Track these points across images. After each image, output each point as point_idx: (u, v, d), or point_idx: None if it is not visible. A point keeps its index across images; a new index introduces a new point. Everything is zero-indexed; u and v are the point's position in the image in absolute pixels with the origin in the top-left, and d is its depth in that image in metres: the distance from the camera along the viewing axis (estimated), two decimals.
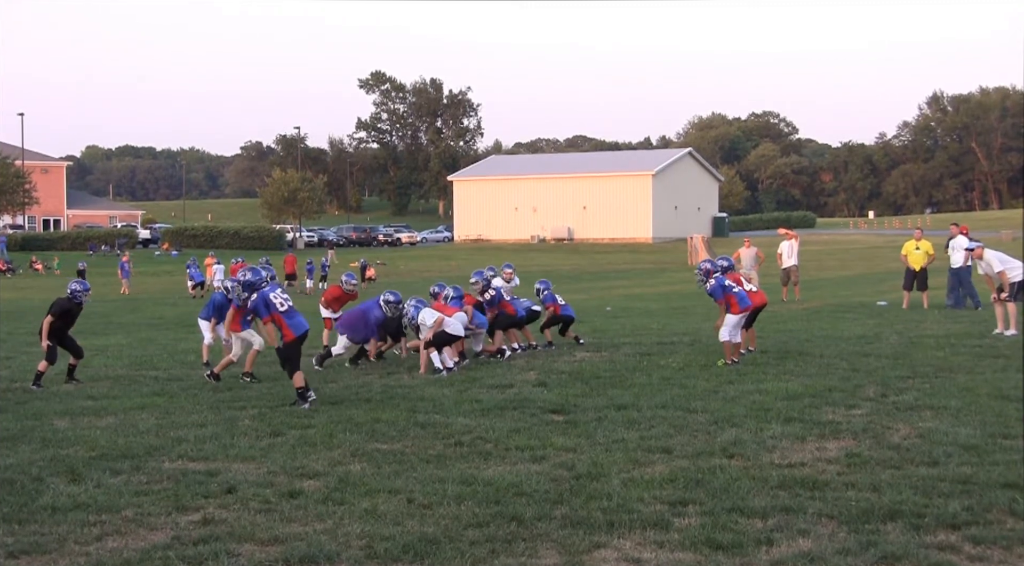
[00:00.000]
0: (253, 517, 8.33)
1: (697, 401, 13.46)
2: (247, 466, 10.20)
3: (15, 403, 14.58)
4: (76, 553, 7.44)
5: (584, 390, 14.51)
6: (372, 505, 8.60)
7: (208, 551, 7.35)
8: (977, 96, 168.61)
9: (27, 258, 79.87)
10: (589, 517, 8.14)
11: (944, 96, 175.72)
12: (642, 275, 60.77)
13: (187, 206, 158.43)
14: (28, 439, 11.74)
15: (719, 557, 7.19)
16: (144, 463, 10.35)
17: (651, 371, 16.52)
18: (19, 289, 58.04)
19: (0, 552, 7.47)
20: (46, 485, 9.46)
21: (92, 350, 21.84)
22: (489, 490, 8.98)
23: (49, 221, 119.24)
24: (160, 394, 14.94)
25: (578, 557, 7.22)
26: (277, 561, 7.17)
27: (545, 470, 9.82)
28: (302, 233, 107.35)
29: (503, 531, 7.80)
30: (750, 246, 34.94)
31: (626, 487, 9.08)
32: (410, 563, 7.13)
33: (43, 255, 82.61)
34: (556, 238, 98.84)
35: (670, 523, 7.98)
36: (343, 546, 7.48)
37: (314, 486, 9.35)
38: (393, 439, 11.40)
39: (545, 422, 12.28)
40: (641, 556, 7.25)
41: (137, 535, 7.89)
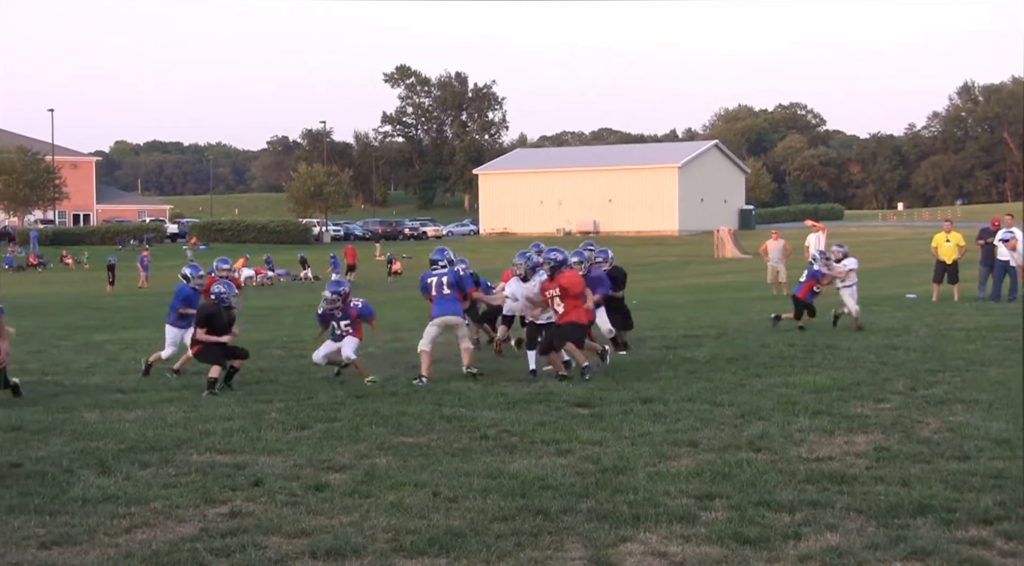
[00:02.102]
0: (280, 510, 8.35)
1: (724, 394, 13.42)
2: (274, 459, 10.23)
3: (46, 396, 14.66)
4: (106, 544, 7.48)
5: (609, 383, 14.48)
6: (398, 498, 8.60)
7: (236, 543, 7.38)
8: (1009, 85, 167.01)
9: (57, 252, 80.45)
10: (615, 510, 8.11)
11: (975, 86, 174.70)
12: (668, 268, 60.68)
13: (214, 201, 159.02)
14: (59, 431, 11.80)
15: (746, 551, 7.15)
16: (172, 456, 10.39)
17: (677, 364, 16.49)
18: (49, 283, 58.42)
19: (32, 543, 7.51)
20: (76, 477, 9.51)
21: (120, 344, 21.99)
22: (515, 483, 8.97)
23: (79, 216, 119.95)
24: (188, 387, 14.98)
25: (604, 551, 7.20)
26: (304, 553, 7.18)
27: (571, 463, 9.81)
28: (328, 227, 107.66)
29: (529, 524, 7.79)
30: (777, 238, 34.87)
31: (652, 481, 9.05)
32: (436, 556, 7.13)
33: (73, 250, 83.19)
34: (582, 231, 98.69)
35: (696, 517, 7.95)
36: (369, 539, 7.49)
37: (340, 479, 9.37)
38: (419, 432, 11.41)
39: (571, 415, 12.26)
40: (667, 550, 7.22)
41: (166, 527, 7.93)
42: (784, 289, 33.37)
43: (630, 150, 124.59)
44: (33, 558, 7.16)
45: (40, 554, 7.27)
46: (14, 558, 7.17)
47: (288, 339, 21.72)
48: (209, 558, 7.09)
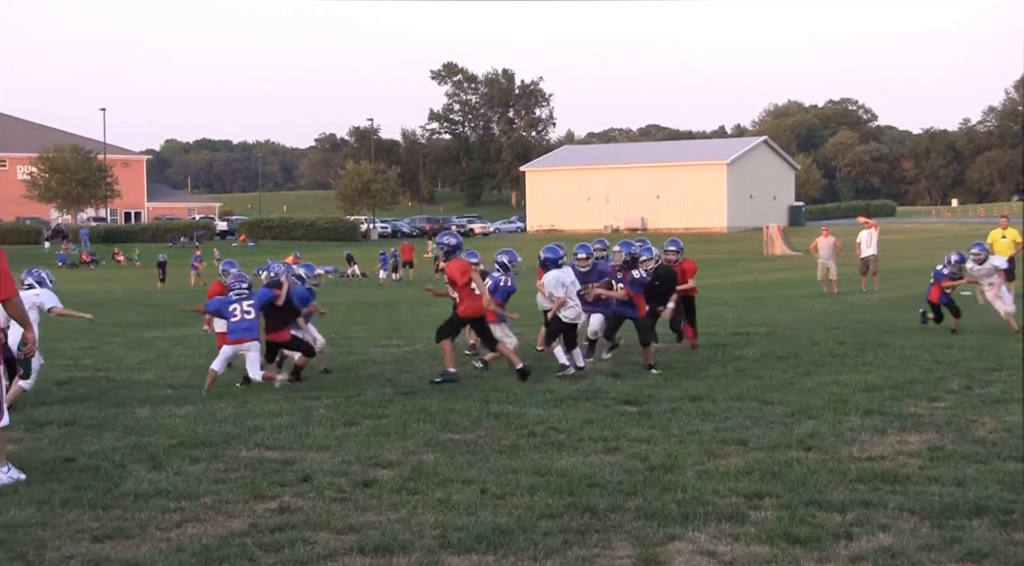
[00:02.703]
0: (328, 506, 8.38)
1: (773, 393, 13.35)
2: (322, 455, 10.27)
3: (99, 392, 14.80)
4: (157, 538, 7.54)
5: (658, 381, 14.45)
6: (445, 495, 8.62)
7: (284, 539, 7.41)
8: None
9: (109, 250, 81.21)
10: (663, 509, 8.08)
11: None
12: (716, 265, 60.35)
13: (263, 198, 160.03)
14: (111, 427, 11.92)
15: (796, 551, 7.10)
16: (222, 451, 10.46)
17: (726, 362, 16.43)
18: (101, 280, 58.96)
19: (86, 536, 7.59)
20: (128, 472, 9.59)
21: (171, 340, 22.16)
22: (562, 481, 8.96)
23: (130, 214, 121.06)
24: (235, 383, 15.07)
25: (652, 549, 7.18)
26: (352, 549, 7.21)
27: (619, 461, 9.79)
28: (376, 224, 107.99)
29: (576, 522, 7.78)
30: (828, 235, 34.63)
31: (701, 479, 9.02)
32: (483, 553, 7.13)
33: (124, 247, 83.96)
34: (629, 228, 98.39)
35: (746, 516, 7.91)
36: (417, 535, 7.50)
37: (388, 475, 9.39)
38: (466, 429, 11.42)
39: (619, 413, 12.24)
40: (716, 549, 7.19)
41: (216, 522, 7.98)
42: (835, 286, 33.18)
43: (678, 146, 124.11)
44: (87, 551, 7.23)
45: (93, 547, 7.34)
46: (68, 551, 7.24)
47: (336, 336, 21.80)
48: (258, 553, 7.13)
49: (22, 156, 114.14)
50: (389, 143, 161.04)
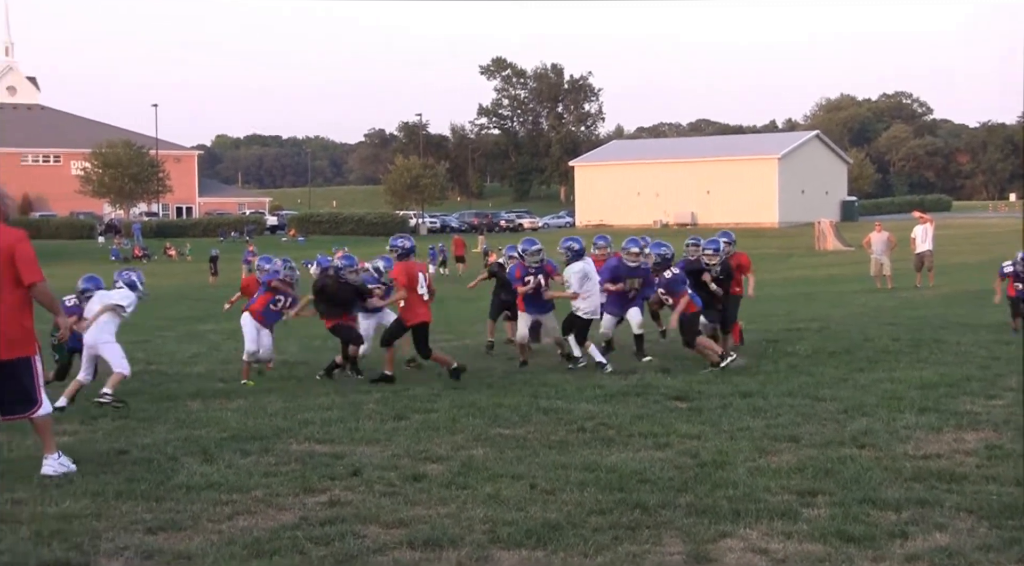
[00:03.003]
0: (378, 499, 8.41)
1: (826, 389, 13.26)
2: (372, 449, 10.30)
3: (151, 385, 14.93)
4: (209, 530, 7.60)
5: (708, 377, 14.38)
6: (495, 490, 8.62)
7: (335, 532, 7.44)
8: None
9: (161, 245, 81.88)
10: (714, 506, 8.05)
11: None
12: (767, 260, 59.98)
13: (312, 193, 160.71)
14: (163, 420, 12.02)
15: (850, 549, 7.04)
16: (272, 445, 10.52)
17: (777, 358, 16.34)
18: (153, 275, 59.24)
19: (139, 528, 7.66)
20: (180, 464, 9.67)
21: (223, 334, 22.31)
22: (612, 477, 8.95)
23: (181, 209, 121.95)
24: (287, 378, 15.16)
25: (703, 546, 7.14)
26: (401, 543, 7.22)
27: (669, 457, 9.76)
28: (425, 219, 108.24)
29: (627, 518, 7.76)
30: (881, 230, 34.37)
31: (752, 476, 8.97)
32: (533, 548, 7.12)
33: (176, 242, 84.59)
34: (679, 223, 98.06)
35: (798, 513, 7.85)
36: (466, 530, 7.51)
37: (438, 470, 9.41)
38: (516, 424, 11.42)
39: (669, 409, 12.20)
40: (768, 546, 7.14)
41: (266, 515, 8.03)
42: (888, 282, 32.91)
43: (729, 141, 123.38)
44: (140, 542, 7.29)
45: (147, 539, 7.40)
46: (122, 542, 7.30)
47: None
48: (309, 546, 7.16)
49: (75, 152, 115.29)
50: (438, 138, 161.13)
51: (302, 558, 6.91)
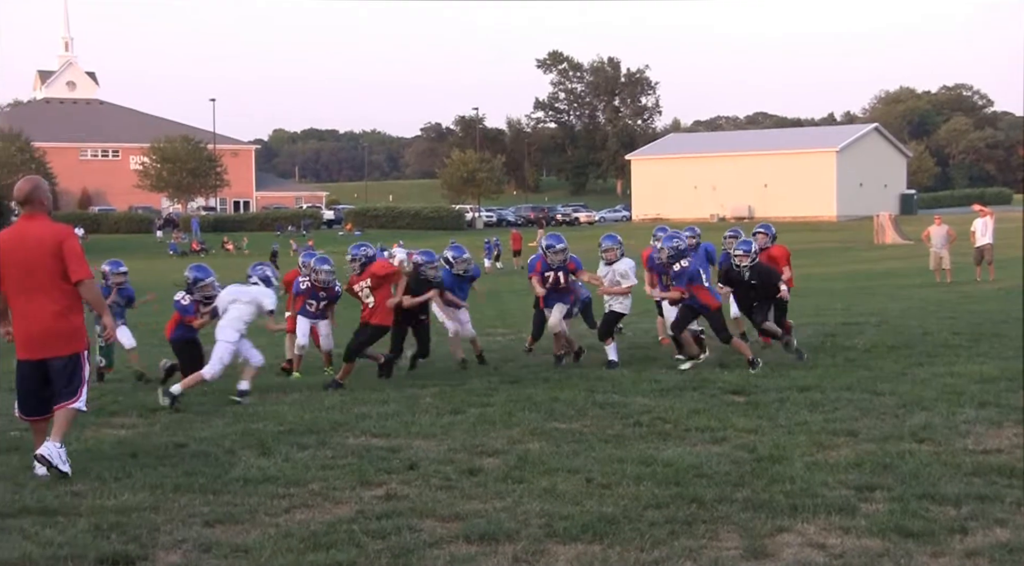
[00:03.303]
0: (434, 493, 8.43)
1: (884, 384, 13.14)
2: (428, 443, 10.33)
3: None
4: (266, 524, 7.64)
5: (765, 371, 14.30)
6: (551, 484, 8.61)
7: (391, 526, 7.46)
8: None
9: (219, 239, 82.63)
10: (771, 500, 7.99)
11: None
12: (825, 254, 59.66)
13: (369, 187, 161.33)
14: (221, 413, 12.13)
15: (909, 545, 6.97)
16: (329, 438, 10.58)
17: (835, 352, 16.22)
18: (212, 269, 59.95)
19: (197, 520, 7.72)
20: (238, 458, 9.74)
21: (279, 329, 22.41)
22: (669, 471, 8.91)
23: (239, 203, 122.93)
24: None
25: (760, 541, 7.10)
26: (458, 537, 7.24)
27: (726, 452, 9.71)
28: (481, 213, 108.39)
29: (683, 513, 7.72)
30: (941, 224, 34.02)
31: (809, 470, 8.90)
32: (589, 542, 7.11)
33: (233, 236, 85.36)
34: (736, 216, 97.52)
35: (856, 508, 7.79)
36: (522, 524, 7.51)
37: (494, 464, 9.42)
38: (572, 418, 11.42)
39: (725, 403, 12.14)
40: (826, 541, 7.08)
41: (323, 508, 8.07)
42: (948, 275, 32.59)
43: (787, 134, 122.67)
44: (198, 535, 7.35)
45: (204, 532, 7.46)
46: (180, 535, 7.36)
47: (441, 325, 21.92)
48: (365, 540, 7.18)
49: (134, 146, 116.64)
50: (494, 132, 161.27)
51: (358, 551, 6.94)
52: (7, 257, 9.01)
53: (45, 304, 8.94)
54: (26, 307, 9.00)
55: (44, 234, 8.99)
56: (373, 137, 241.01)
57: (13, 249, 9.02)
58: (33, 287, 8.95)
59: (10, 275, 9.02)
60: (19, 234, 9.09)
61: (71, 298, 9.06)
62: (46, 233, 9.00)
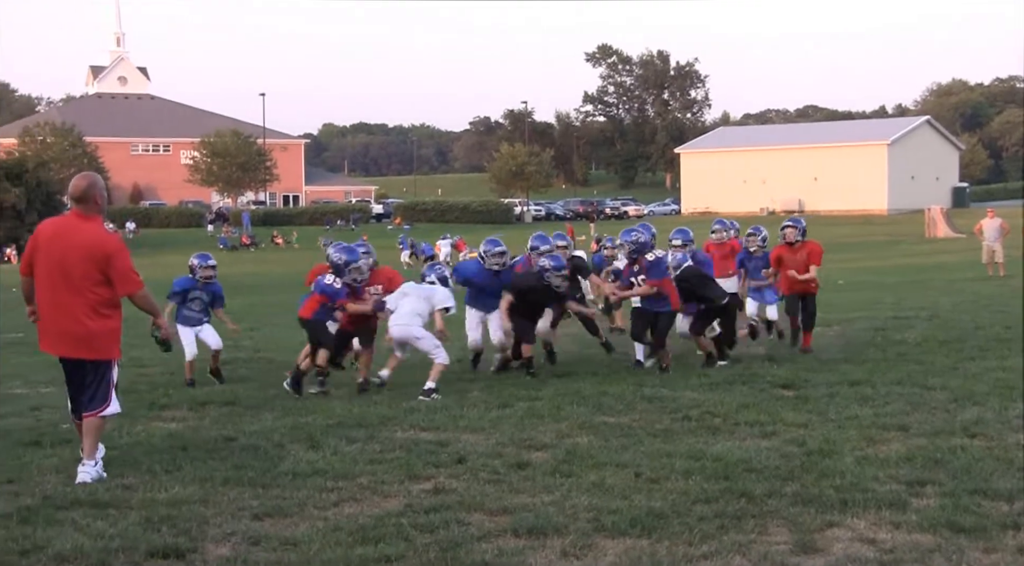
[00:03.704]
0: (482, 487, 8.43)
1: (935, 378, 13.03)
2: (476, 437, 10.34)
3: (259, 373, 15.15)
4: (315, 517, 7.68)
5: (814, 365, 14.22)
6: (599, 478, 8.60)
7: (439, 519, 7.48)
8: None
9: (268, 233, 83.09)
10: (821, 495, 7.95)
11: None
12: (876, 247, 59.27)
13: (418, 181, 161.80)
14: (270, 407, 12.18)
15: (960, 540, 6.90)
16: (378, 432, 10.61)
17: (886, 346, 16.11)
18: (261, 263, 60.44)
19: (246, 514, 7.76)
20: (287, 451, 9.78)
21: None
22: (718, 465, 8.88)
23: (288, 197, 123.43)
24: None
25: (810, 535, 7.05)
26: (506, 531, 7.24)
27: (775, 446, 9.66)
28: (530, 207, 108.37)
29: (732, 507, 7.69)
30: (994, 217, 33.75)
31: (860, 465, 8.84)
32: (638, 537, 7.09)
33: (283, 230, 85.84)
34: (786, 210, 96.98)
35: (907, 503, 7.73)
36: (571, 518, 7.50)
37: (542, 458, 9.41)
38: (620, 412, 11.39)
39: (775, 397, 12.08)
40: (876, 536, 7.03)
41: (372, 502, 8.09)
42: (1001, 269, 32.26)
43: (837, 127, 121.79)
44: (247, 529, 7.40)
45: (253, 525, 7.50)
46: (230, 528, 7.41)
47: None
48: (413, 533, 7.20)
49: (184, 141, 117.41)
50: (543, 126, 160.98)
51: (407, 545, 6.95)
52: (44, 247, 8.74)
53: (75, 306, 8.64)
54: (54, 303, 8.72)
55: (93, 240, 8.66)
56: (422, 131, 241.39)
57: (53, 241, 8.72)
58: (66, 286, 8.64)
59: (43, 266, 8.72)
60: (64, 229, 8.79)
61: (103, 304, 8.72)
62: (95, 240, 8.68)
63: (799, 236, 15.96)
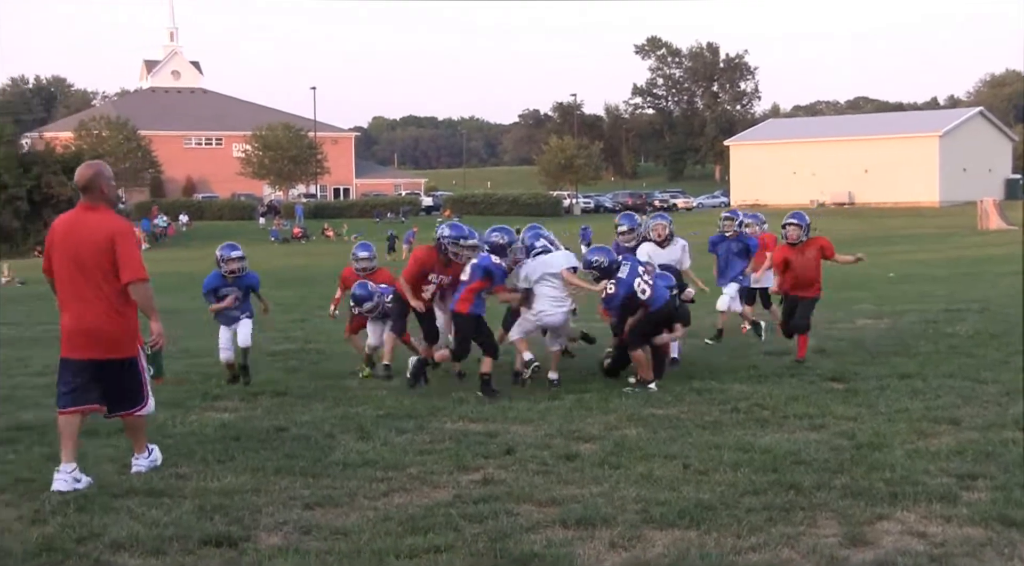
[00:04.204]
0: (531, 478, 8.45)
1: (987, 371, 12.92)
2: (525, 428, 10.36)
3: (309, 363, 15.24)
4: (365, 507, 7.72)
5: (865, 358, 14.13)
6: (648, 470, 8.59)
7: (488, 510, 7.50)
8: None
9: (319, 225, 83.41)
10: (871, 488, 7.90)
11: None
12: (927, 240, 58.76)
13: (467, 174, 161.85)
14: (321, 397, 12.25)
15: (1012, 534, 6.84)
16: (427, 423, 10.65)
17: (937, 339, 15.98)
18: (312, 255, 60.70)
19: (297, 503, 7.81)
20: (337, 442, 9.84)
21: None
22: (766, 458, 8.85)
23: (339, 190, 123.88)
24: None
25: (859, 528, 7.02)
26: (554, 522, 7.24)
27: (824, 439, 9.62)
28: (578, 199, 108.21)
29: (781, 499, 7.66)
30: None
31: (910, 458, 8.78)
32: (686, 528, 7.09)
33: (333, 222, 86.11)
34: (836, 202, 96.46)
35: (958, 497, 7.67)
36: (619, 509, 7.50)
37: (590, 449, 9.42)
38: (669, 404, 11.37)
39: (824, 390, 12.02)
40: (927, 530, 6.98)
41: (421, 492, 8.12)
42: None
43: (888, 119, 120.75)
44: (298, 518, 7.45)
45: (304, 514, 7.55)
46: (281, 517, 7.47)
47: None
48: (463, 523, 7.22)
49: (236, 134, 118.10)
50: (592, 118, 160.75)
51: (456, 535, 6.98)
52: (59, 244, 8.35)
53: (96, 302, 8.26)
54: (75, 302, 8.33)
55: (98, 227, 8.24)
56: (471, 124, 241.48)
57: (66, 237, 8.33)
58: (84, 282, 8.26)
59: (60, 264, 8.34)
60: (74, 222, 8.38)
61: (125, 297, 8.34)
62: (101, 226, 8.24)
63: (804, 235, 14.14)
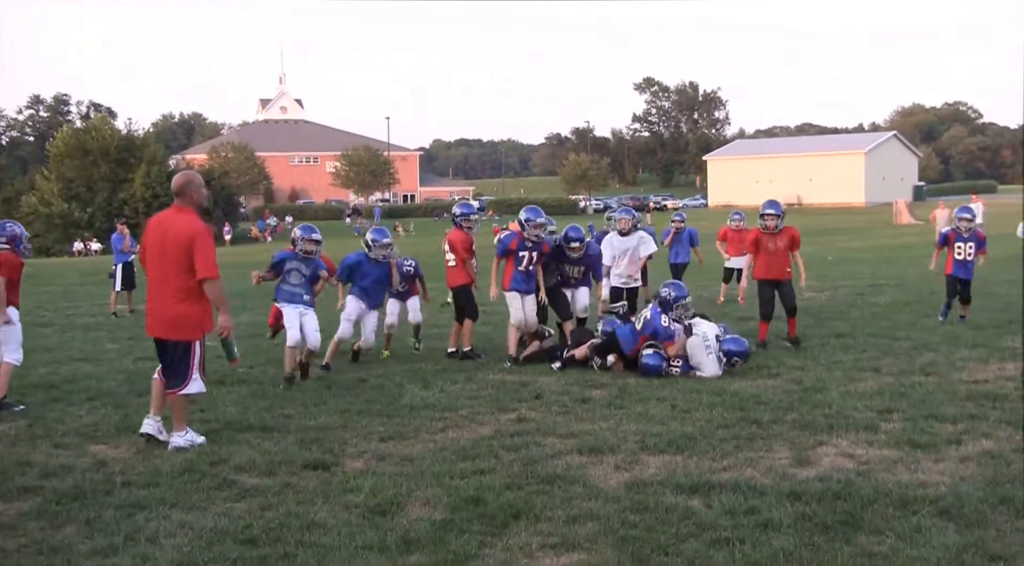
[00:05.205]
0: (555, 417, 8.44)
1: (901, 331, 12.85)
2: (550, 379, 10.33)
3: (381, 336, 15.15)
4: (426, 440, 7.73)
5: (809, 322, 14.03)
6: (644, 409, 8.58)
7: (521, 442, 7.50)
8: None
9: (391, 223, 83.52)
10: (814, 421, 7.90)
11: None
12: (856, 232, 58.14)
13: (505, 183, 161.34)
14: (394, 357, 12.24)
15: (918, 454, 6.86)
16: (474, 375, 10.64)
17: (864, 307, 15.88)
18: None
19: (375, 437, 7.84)
20: (405, 390, 9.85)
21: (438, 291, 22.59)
22: (735, 400, 8.82)
23: (407, 196, 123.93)
24: (486, 324, 15.19)
25: (804, 452, 7.01)
26: (572, 450, 7.24)
27: (779, 384, 9.57)
28: (591, 202, 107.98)
29: (746, 431, 7.65)
30: (944, 208, 33.13)
31: (843, 398, 8.75)
32: (674, 454, 7.07)
33: (403, 221, 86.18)
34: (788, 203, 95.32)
35: (878, 426, 7.65)
36: (622, 440, 7.50)
37: (600, 394, 9.39)
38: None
39: (780, 347, 11.93)
40: (855, 452, 6.98)
41: (470, 428, 8.13)
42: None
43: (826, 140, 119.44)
44: (376, 448, 7.48)
45: (380, 446, 7.57)
46: (362, 448, 7.49)
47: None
48: (502, 452, 7.23)
49: (328, 154, 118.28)
50: (602, 139, 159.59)
51: (496, 461, 6.99)
52: (149, 240, 7.75)
53: (167, 290, 7.60)
54: (154, 289, 7.71)
55: (183, 227, 7.57)
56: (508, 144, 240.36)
57: (156, 231, 7.72)
58: (162, 273, 7.63)
59: (150, 257, 7.73)
60: (164, 220, 7.78)
61: (192, 290, 7.58)
62: (184, 227, 7.57)
63: (779, 224, 12.09)
